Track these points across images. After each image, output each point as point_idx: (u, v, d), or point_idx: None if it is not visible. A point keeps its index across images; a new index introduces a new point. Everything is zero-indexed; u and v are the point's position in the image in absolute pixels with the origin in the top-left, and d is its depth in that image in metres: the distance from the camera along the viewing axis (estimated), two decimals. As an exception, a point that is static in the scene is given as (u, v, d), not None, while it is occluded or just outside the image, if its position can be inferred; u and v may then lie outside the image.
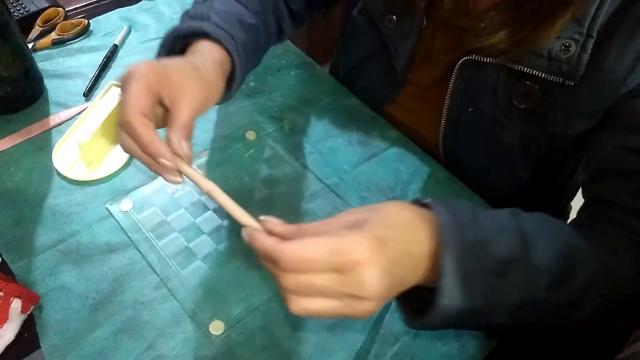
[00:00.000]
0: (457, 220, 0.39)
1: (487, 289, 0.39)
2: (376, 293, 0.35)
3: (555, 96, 0.53)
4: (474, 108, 0.59)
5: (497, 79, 0.56)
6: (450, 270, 0.37)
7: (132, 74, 0.42)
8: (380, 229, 0.36)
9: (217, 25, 0.52)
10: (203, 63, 0.49)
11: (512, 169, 0.62)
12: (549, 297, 0.41)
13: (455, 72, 0.58)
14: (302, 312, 0.36)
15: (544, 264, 0.41)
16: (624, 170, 0.49)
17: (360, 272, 0.34)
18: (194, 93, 0.44)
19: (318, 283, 0.35)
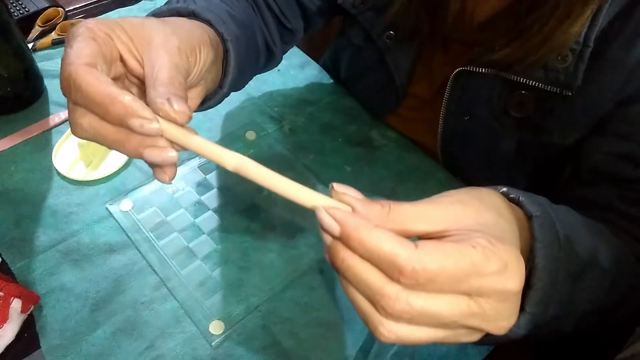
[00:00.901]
0: (545, 212, 0.33)
1: (566, 293, 0.34)
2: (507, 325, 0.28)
3: (551, 105, 0.53)
4: (470, 117, 0.59)
5: (492, 88, 0.56)
6: (543, 272, 0.31)
7: (74, 31, 0.31)
8: (511, 244, 0.28)
9: (207, 8, 0.44)
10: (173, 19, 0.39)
11: (509, 177, 0.62)
12: (607, 300, 0.38)
13: (451, 81, 0.58)
14: (396, 340, 0.27)
15: (606, 265, 0.37)
16: (618, 176, 0.49)
17: (508, 302, 0.27)
18: (165, 40, 0.33)
19: (438, 309, 0.26)
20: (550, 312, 0.32)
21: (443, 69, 0.61)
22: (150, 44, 0.32)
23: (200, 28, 0.40)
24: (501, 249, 0.26)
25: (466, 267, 0.25)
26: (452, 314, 0.26)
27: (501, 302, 0.27)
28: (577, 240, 0.34)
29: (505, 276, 0.26)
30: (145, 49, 0.32)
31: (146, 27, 0.33)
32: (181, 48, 0.34)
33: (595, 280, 0.36)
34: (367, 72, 0.70)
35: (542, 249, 0.31)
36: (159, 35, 0.33)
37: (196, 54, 0.37)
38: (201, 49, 0.38)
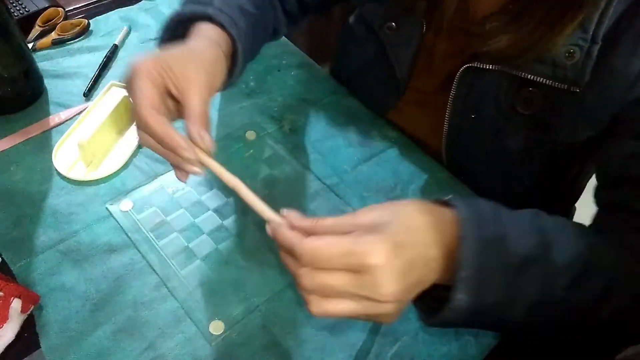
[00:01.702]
0: (478, 215, 0.40)
1: (505, 284, 0.39)
2: (392, 296, 0.36)
3: (559, 102, 0.52)
4: (477, 115, 0.59)
5: (499, 85, 0.55)
6: (467, 264, 0.38)
7: (135, 70, 0.43)
8: (398, 232, 0.37)
9: (220, 10, 0.52)
10: (200, 45, 0.48)
11: (516, 175, 0.61)
12: (567, 295, 0.41)
13: (457, 79, 0.58)
14: (321, 313, 0.37)
15: (563, 263, 0.41)
16: (635, 177, 0.49)
17: (376, 275, 0.35)
18: (199, 78, 0.44)
19: (334, 283, 0.36)
20: (488, 299, 0.39)
21: (445, 62, 0.61)
22: (189, 82, 0.44)
23: (217, 46, 0.50)
24: (370, 237, 0.36)
25: (339, 249, 0.35)
26: (343, 284, 0.35)
27: (372, 274, 0.35)
28: (513, 239, 0.40)
29: (371, 255, 0.35)
30: (183, 85, 0.44)
31: (185, 65, 0.44)
32: (207, 81, 0.45)
33: (543, 275, 0.40)
34: (369, 66, 0.70)
35: (465, 245, 0.38)
36: (193, 72, 0.44)
37: (216, 78, 0.48)
38: (219, 71, 0.49)
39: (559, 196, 0.69)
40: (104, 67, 0.75)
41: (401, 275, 0.36)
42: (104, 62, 0.75)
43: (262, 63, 0.77)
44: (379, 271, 0.35)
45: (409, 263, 0.36)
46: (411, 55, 0.62)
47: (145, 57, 0.44)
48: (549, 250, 0.41)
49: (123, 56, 0.78)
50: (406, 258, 0.36)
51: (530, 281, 0.40)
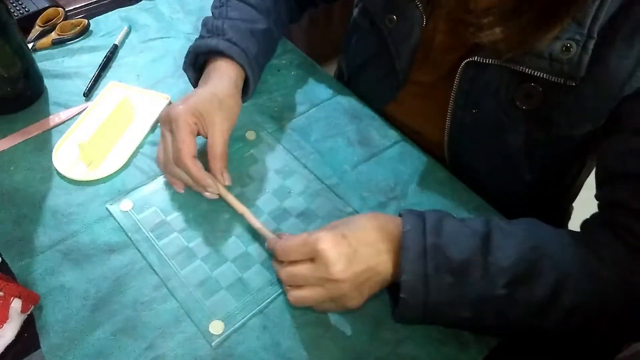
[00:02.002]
0: (420, 227, 0.47)
1: (446, 285, 0.45)
2: (343, 274, 0.45)
3: (558, 97, 0.53)
4: (478, 109, 0.59)
5: (499, 80, 0.56)
6: (407, 269, 0.45)
7: (177, 119, 0.55)
8: (344, 228, 0.48)
9: (229, 41, 0.62)
10: (224, 92, 0.59)
11: (517, 170, 0.62)
12: (509, 294, 0.45)
13: (459, 74, 0.58)
14: (296, 300, 0.48)
15: (503, 265, 0.45)
16: (630, 173, 0.49)
17: (325, 257, 0.45)
18: (222, 125, 0.57)
19: (298, 271, 0.47)
20: (432, 298, 0.45)
21: (445, 55, 0.61)
22: (214, 127, 0.57)
23: (236, 87, 0.62)
24: (322, 232, 0.46)
25: (298, 241, 0.47)
26: (305, 271, 0.47)
27: (322, 257, 0.45)
28: (451, 246, 0.46)
29: (320, 241, 0.45)
30: (210, 130, 0.57)
31: (213, 117, 0.57)
32: (229, 126, 0.59)
33: (482, 275, 0.45)
34: (371, 59, 0.70)
35: (404, 255, 0.46)
36: (219, 121, 0.57)
37: (234, 119, 0.61)
38: (237, 112, 0.61)
39: (559, 194, 0.69)
40: (104, 67, 0.75)
41: (346, 258, 0.45)
42: (104, 62, 0.75)
43: (262, 63, 0.77)
44: (327, 254, 0.45)
45: (354, 249, 0.46)
46: (411, 47, 0.63)
47: (182, 107, 0.55)
48: (488, 254, 0.46)
49: (123, 56, 0.78)
50: (351, 245, 0.46)
51: (470, 282, 0.45)
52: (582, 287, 0.46)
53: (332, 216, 0.59)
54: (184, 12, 0.86)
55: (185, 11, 0.86)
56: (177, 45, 0.80)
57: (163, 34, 0.82)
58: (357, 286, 0.46)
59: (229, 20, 0.64)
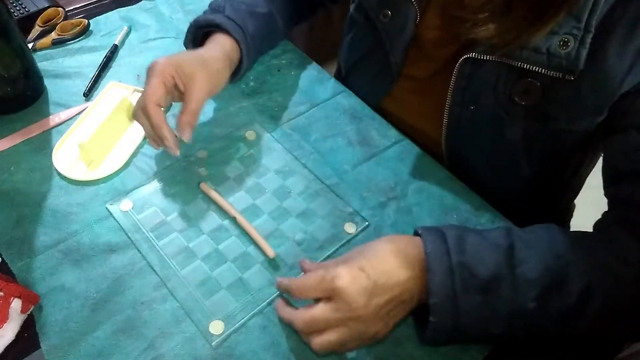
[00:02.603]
0: (443, 247, 0.45)
1: (476, 304, 0.44)
2: (366, 310, 0.43)
3: (556, 92, 0.53)
4: (476, 106, 0.59)
5: (497, 76, 0.56)
6: (435, 292, 0.44)
7: (154, 67, 0.55)
8: (361, 259, 0.45)
9: (228, 17, 0.63)
10: (212, 55, 0.60)
11: (516, 166, 0.62)
12: (540, 306, 0.44)
13: (456, 70, 0.58)
14: (322, 347, 0.44)
15: (531, 277, 0.44)
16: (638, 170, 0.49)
17: (343, 294, 0.43)
18: (201, 83, 0.56)
19: (318, 314, 0.44)
20: (463, 320, 0.44)
21: (440, 50, 0.62)
22: (193, 82, 0.56)
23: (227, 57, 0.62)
24: (339, 266, 0.44)
25: (315, 278, 0.45)
26: (324, 312, 0.44)
27: (341, 295, 0.43)
28: (477, 263, 0.44)
29: (337, 279, 0.43)
30: (188, 85, 0.56)
31: (194, 72, 0.56)
32: (208, 87, 0.58)
33: (512, 290, 0.44)
34: (367, 54, 0.71)
35: (431, 277, 0.44)
36: (198, 78, 0.57)
37: (217, 86, 0.60)
38: (222, 80, 0.61)
39: (558, 190, 0.69)
40: (104, 67, 0.75)
41: (366, 292, 0.43)
42: (104, 62, 0.75)
43: (262, 63, 0.77)
44: (345, 291, 0.43)
45: (373, 282, 0.44)
46: (405, 42, 0.63)
47: (164, 58, 0.56)
48: (515, 268, 0.45)
49: (123, 56, 0.78)
50: (370, 278, 0.44)
51: (499, 298, 0.44)
52: (609, 292, 0.45)
53: (332, 216, 0.59)
54: (184, 12, 0.86)
55: (185, 11, 0.86)
56: (177, 45, 0.80)
57: (163, 34, 0.82)
58: (381, 318, 0.45)
59: (232, 2, 0.67)
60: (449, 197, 0.62)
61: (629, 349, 0.45)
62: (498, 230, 0.49)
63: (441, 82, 0.61)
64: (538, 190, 0.65)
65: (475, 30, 0.53)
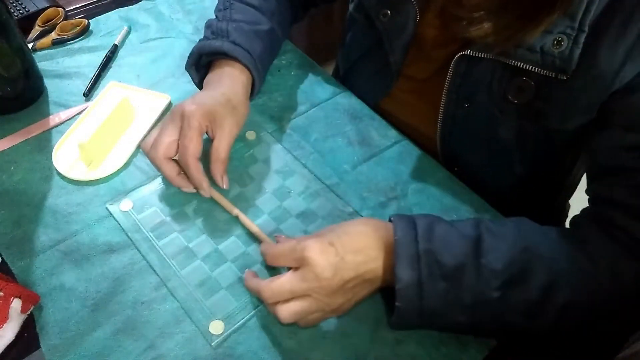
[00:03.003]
0: (412, 234, 0.46)
1: (441, 291, 0.45)
2: (331, 282, 0.45)
3: (550, 91, 0.53)
4: (470, 104, 0.60)
5: (492, 74, 0.56)
6: (401, 278, 0.45)
7: (190, 120, 0.55)
8: (332, 235, 0.47)
9: (234, 42, 0.62)
10: (238, 97, 0.60)
11: (509, 164, 0.62)
12: (502, 297, 0.45)
13: (452, 68, 0.58)
14: (288, 316, 0.46)
15: (495, 268, 0.45)
16: (622, 167, 0.50)
17: (312, 264, 0.45)
18: (231, 131, 0.57)
19: (284, 284, 0.46)
20: (428, 305, 0.45)
21: (439, 50, 0.62)
22: (223, 130, 0.57)
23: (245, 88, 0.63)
24: (310, 240, 0.46)
25: (287, 247, 0.48)
26: (293, 282, 0.45)
27: (310, 265, 0.45)
28: (443, 251, 0.46)
29: (307, 249, 0.45)
30: (219, 133, 0.57)
31: (224, 120, 0.57)
32: (236, 132, 0.59)
33: (475, 279, 0.45)
34: (366, 54, 0.71)
35: (398, 264, 0.45)
36: (228, 126, 0.57)
37: (242, 125, 0.61)
38: (246, 111, 0.62)
39: (552, 188, 0.70)
40: (104, 67, 0.75)
41: (333, 265, 0.45)
42: (104, 62, 0.75)
43: (262, 63, 0.77)
44: (313, 261, 0.45)
45: (341, 257, 0.46)
46: (405, 42, 0.63)
47: (197, 107, 0.55)
48: (480, 258, 0.46)
49: (123, 56, 0.78)
50: (338, 253, 0.46)
51: (463, 286, 0.45)
52: (574, 287, 0.46)
53: (332, 216, 0.59)
54: (184, 12, 0.86)
55: (185, 11, 0.86)
56: (177, 45, 0.80)
57: (163, 34, 0.82)
58: (345, 292, 0.47)
59: (233, 23, 0.65)
60: (449, 197, 0.62)
61: (629, 349, 0.45)
62: (469, 220, 0.50)
63: (438, 82, 0.61)
64: (532, 189, 0.65)
65: (470, 29, 0.53)
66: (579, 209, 0.55)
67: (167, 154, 0.56)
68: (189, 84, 0.70)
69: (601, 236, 0.48)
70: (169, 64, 0.77)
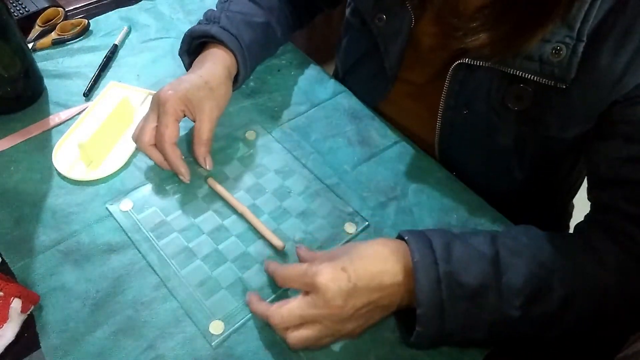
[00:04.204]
0: (431, 256, 0.45)
1: (462, 313, 0.44)
2: (341, 309, 0.43)
3: (548, 99, 0.53)
4: (469, 110, 0.60)
5: (490, 81, 0.56)
6: (423, 303, 0.44)
7: (165, 105, 0.56)
8: (345, 259, 0.45)
9: (223, 28, 0.63)
10: (215, 78, 0.60)
11: (508, 170, 0.62)
12: (523, 314, 0.45)
13: (449, 75, 0.58)
14: (298, 343, 0.45)
15: (515, 286, 0.45)
16: (623, 179, 0.49)
17: (322, 291, 0.43)
18: (211, 112, 0.58)
19: (295, 308, 0.44)
20: (448, 327, 0.44)
21: (435, 55, 0.62)
22: (202, 113, 0.58)
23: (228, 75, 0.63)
24: (323, 264, 0.45)
25: (298, 271, 0.46)
26: (301, 306, 0.44)
27: (320, 291, 0.43)
28: (463, 272, 0.44)
29: (318, 275, 0.44)
30: (199, 116, 0.58)
31: (202, 103, 0.58)
32: (217, 114, 0.60)
33: (497, 299, 0.44)
34: (363, 58, 0.71)
35: (418, 288, 0.44)
36: (207, 108, 0.58)
37: (223, 107, 0.62)
38: (226, 100, 0.63)
39: (553, 192, 0.70)
40: (104, 67, 0.75)
41: (345, 292, 0.43)
42: (104, 62, 0.75)
43: (262, 63, 0.77)
44: (324, 288, 0.43)
45: (353, 284, 0.44)
46: (400, 46, 0.63)
47: (171, 93, 0.56)
48: (500, 277, 0.45)
49: (123, 56, 0.78)
50: (351, 280, 0.44)
51: (485, 307, 0.45)
52: (589, 298, 0.46)
53: (332, 216, 0.59)
54: (184, 12, 0.86)
55: (185, 11, 0.86)
56: (177, 45, 0.79)
57: (163, 34, 0.82)
58: (357, 319, 0.45)
59: (228, 12, 0.66)
60: (449, 197, 0.62)
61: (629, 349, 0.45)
62: (482, 236, 0.48)
63: (436, 87, 0.61)
64: (532, 193, 0.65)
65: (465, 40, 0.53)
66: (583, 208, 0.55)
67: (151, 141, 0.58)
68: (189, 84, 0.70)
69: (610, 244, 0.48)
70: (169, 64, 0.77)
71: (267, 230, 0.56)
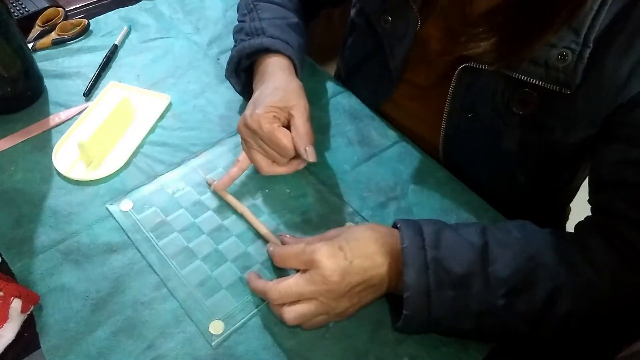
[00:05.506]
0: (419, 242, 0.47)
1: (448, 299, 0.45)
2: (338, 285, 0.45)
3: (553, 104, 0.53)
4: (473, 114, 0.60)
5: (495, 85, 0.56)
6: (410, 286, 0.45)
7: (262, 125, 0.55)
8: (341, 239, 0.48)
9: (272, 37, 0.63)
10: (283, 80, 0.60)
11: (511, 173, 0.62)
12: (508, 304, 0.45)
13: (455, 78, 0.58)
14: (293, 318, 0.46)
15: (502, 276, 0.46)
16: (625, 182, 0.49)
17: (321, 267, 0.45)
18: (299, 106, 0.58)
19: (293, 285, 0.46)
20: (435, 313, 0.45)
21: (440, 58, 0.62)
22: (292, 109, 0.57)
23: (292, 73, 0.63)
24: (319, 243, 0.47)
25: (296, 249, 0.48)
26: (301, 284, 0.46)
27: (318, 268, 0.45)
28: (451, 259, 0.46)
29: (316, 252, 0.46)
30: (295, 112, 0.57)
31: (286, 101, 0.57)
32: (305, 105, 0.59)
33: (483, 287, 0.45)
34: (367, 58, 0.71)
35: (406, 272, 0.45)
36: (294, 102, 0.58)
37: (306, 99, 0.60)
38: (304, 92, 0.61)
39: (554, 195, 0.70)
40: (104, 67, 0.75)
41: (342, 269, 0.45)
42: (104, 62, 0.75)
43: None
44: (322, 264, 0.45)
45: (349, 261, 0.46)
46: (405, 48, 0.63)
47: (260, 112, 0.56)
48: (487, 266, 0.46)
49: (123, 56, 0.78)
50: (347, 257, 0.46)
51: (471, 295, 0.45)
52: (576, 296, 0.46)
53: (332, 216, 0.59)
54: (184, 12, 0.86)
55: (185, 11, 0.86)
56: (177, 45, 0.80)
57: (163, 34, 0.82)
58: (351, 297, 0.47)
59: (265, 20, 0.65)
60: (449, 197, 0.62)
61: (629, 349, 0.45)
62: (474, 227, 0.50)
63: (441, 90, 0.61)
64: (533, 195, 0.65)
65: (468, 47, 0.53)
66: (580, 211, 0.55)
67: (270, 163, 0.59)
68: (189, 84, 0.70)
69: (605, 246, 0.48)
70: (169, 64, 0.77)
71: (267, 230, 0.56)
